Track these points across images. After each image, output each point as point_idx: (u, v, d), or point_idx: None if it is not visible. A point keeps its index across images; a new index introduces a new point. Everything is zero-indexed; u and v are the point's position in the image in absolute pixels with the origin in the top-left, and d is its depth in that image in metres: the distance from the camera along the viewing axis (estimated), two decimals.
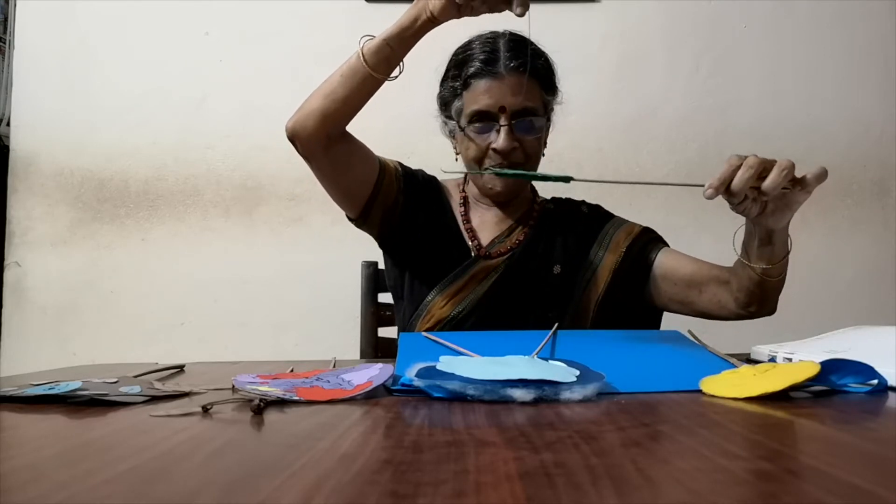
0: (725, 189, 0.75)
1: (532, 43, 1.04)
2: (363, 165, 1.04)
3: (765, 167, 0.75)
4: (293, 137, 0.97)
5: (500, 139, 0.99)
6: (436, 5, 0.86)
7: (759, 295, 0.92)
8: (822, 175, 0.78)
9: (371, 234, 1.11)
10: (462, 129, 1.04)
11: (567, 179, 0.75)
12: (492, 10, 0.86)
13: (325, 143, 0.96)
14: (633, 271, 1.05)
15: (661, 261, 1.05)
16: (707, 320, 1.02)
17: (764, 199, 0.78)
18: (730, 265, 0.95)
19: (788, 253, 0.87)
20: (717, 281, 0.98)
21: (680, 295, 1.03)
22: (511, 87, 0.99)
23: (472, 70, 1.01)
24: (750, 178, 0.74)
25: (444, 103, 1.07)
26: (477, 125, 1.01)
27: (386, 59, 0.91)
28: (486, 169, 0.94)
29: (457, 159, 1.08)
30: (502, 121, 0.99)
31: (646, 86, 1.90)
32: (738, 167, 0.74)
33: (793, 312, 1.09)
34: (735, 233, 0.88)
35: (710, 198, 0.75)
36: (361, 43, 0.92)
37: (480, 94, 1.00)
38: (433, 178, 1.15)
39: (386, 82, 0.93)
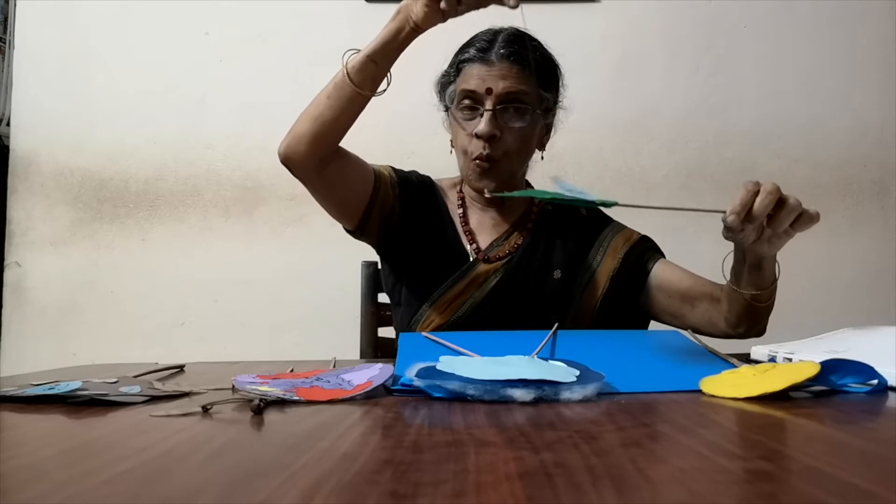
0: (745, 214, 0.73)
1: (534, 39, 1.03)
2: (358, 179, 1.03)
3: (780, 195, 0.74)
4: (286, 163, 0.96)
5: (482, 123, 0.98)
6: (419, 14, 0.85)
7: (748, 318, 0.92)
8: (815, 218, 0.77)
9: (369, 243, 1.10)
10: (451, 113, 1.04)
11: (611, 205, 0.72)
12: (478, 6, 0.85)
13: (319, 165, 0.96)
14: (630, 279, 1.05)
15: (658, 272, 1.05)
16: None
17: (768, 232, 0.77)
18: (726, 271, 0.95)
19: (777, 279, 0.87)
20: (709, 298, 0.98)
21: (673, 307, 1.03)
22: (501, 74, 0.98)
23: (465, 56, 1.02)
24: (770, 204, 0.73)
25: (441, 90, 1.07)
26: (464, 110, 1.01)
27: (371, 76, 0.90)
28: (543, 194, 0.81)
29: (451, 151, 1.07)
30: (487, 105, 0.98)
31: (646, 86, 1.90)
32: (757, 193, 0.73)
33: (793, 312, 1.09)
34: (724, 259, 0.88)
35: (733, 224, 0.72)
36: (345, 60, 0.91)
37: (470, 78, 1.00)
38: (427, 179, 1.14)
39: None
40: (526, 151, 1.05)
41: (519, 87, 0.99)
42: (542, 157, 1.08)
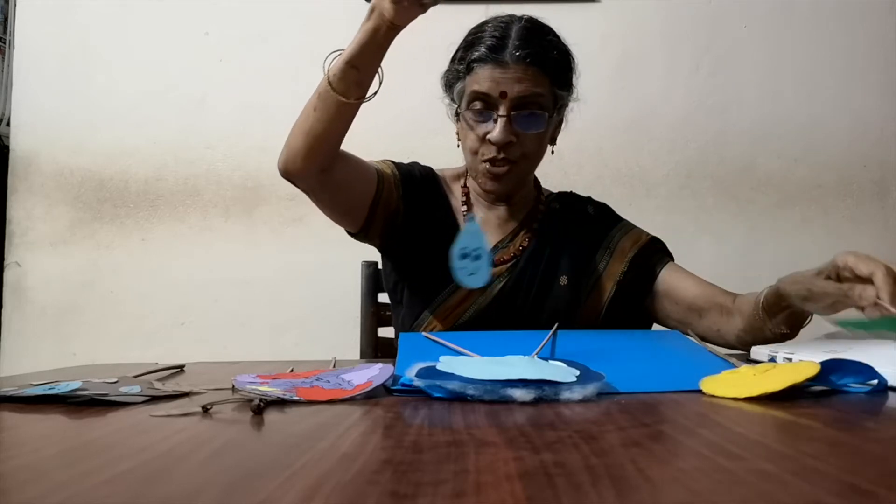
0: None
1: (549, 31, 0.98)
2: (361, 182, 0.99)
3: None
4: (287, 177, 0.93)
5: (496, 130, 0.93)
6: (390, 10, 0.78)
7: (765, 341, 0.90)
8: None
9: (373, 244, 1.07)
10: (460, 114, 0.99)
11: None
12: None
13: (320, 176, 0.92)
14: (637, 282, 1.04)
15: (666, 277, 1.03)
16: None
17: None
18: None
19: (810, 320, 0.86)
20: (719, 310, 0.96)
21: (679, 315, 1.01)
22: (516, 77, 0.92)
23: (476, 55, 0.95)
24: None
25: (448, 85, 1.02)
26: (475, 112, 0.96)
27: (355, 82, 0.84)
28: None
29: (458, 146, 1.04)
30: (501, 110, 0.93)
31: (646, 86, 1.90)
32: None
33: None
34: (761, 297, 0.87)
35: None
36: (326, 66, 0.85)
37: (482, 80, 0.94)
38: (429, 171, 1.10)
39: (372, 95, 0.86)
40: (540, 154, 1.01)
41: (534, 90, 0.94)
42: (553, 152, 1.04)
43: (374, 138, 1.06)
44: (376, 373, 0.64)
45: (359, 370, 0.66)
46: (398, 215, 1.03)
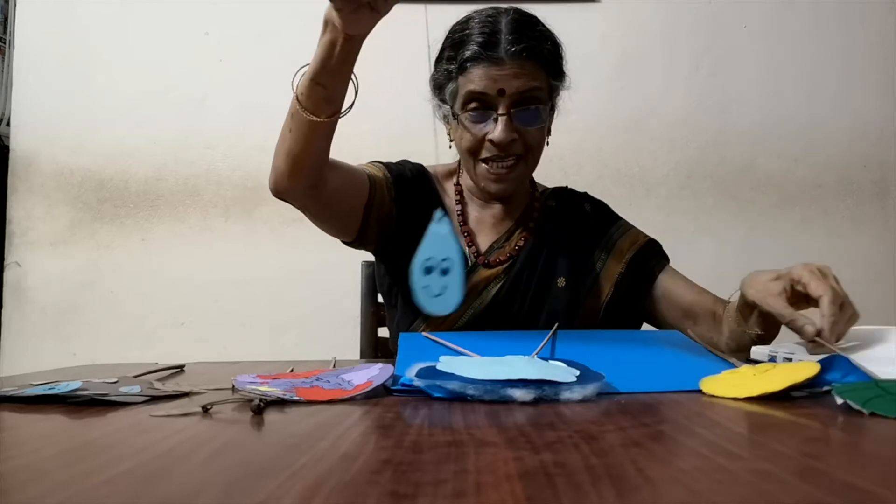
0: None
1: (540, 23, 0.96)
2: (354, 190, 0.97)
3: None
4: (279, 197, 0.92)
5: (497, 129, 0.91)
6: (339, 21, 0.72)
7: (750, 347, 0.92)
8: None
9: (368, 250, 1.06)
10: (456, 116, 0.95)
11: None
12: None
13: (311, 192, 0.90)
14: (635, 284, 1.03)
15: (663, 281, 1.03)
16: None
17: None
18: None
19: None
20: (711, 317, 0.96)
21: (674, 319, 1.01)
22: (513, 73, 0.90)
23: (468, 53, 0.91)
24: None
25: (438, 86, 0.98)
26: (472, 113, 0.93)
27: (324, 99, 0.80)
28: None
29: (451, 146, 1.01)
30: (501, 109, 0.91)
31: (646, 86, 1.90)
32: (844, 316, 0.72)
33: None
34: (727, 308, 0.88)
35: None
36: (295, 84, 0.81)
37: (477, 79, 0.91)
38: (420, 169, 1.08)
39: (363, 99, 0.82)
40: (541, 147, 0.99)
41: (532, 84, 0.92)
42: (548, 143, 1.02)
43: (369, 141, 1.06)
44: (376, 373, 0.64)
45: (359, 370, 0.66)
46: (391, 219, 1.02)
